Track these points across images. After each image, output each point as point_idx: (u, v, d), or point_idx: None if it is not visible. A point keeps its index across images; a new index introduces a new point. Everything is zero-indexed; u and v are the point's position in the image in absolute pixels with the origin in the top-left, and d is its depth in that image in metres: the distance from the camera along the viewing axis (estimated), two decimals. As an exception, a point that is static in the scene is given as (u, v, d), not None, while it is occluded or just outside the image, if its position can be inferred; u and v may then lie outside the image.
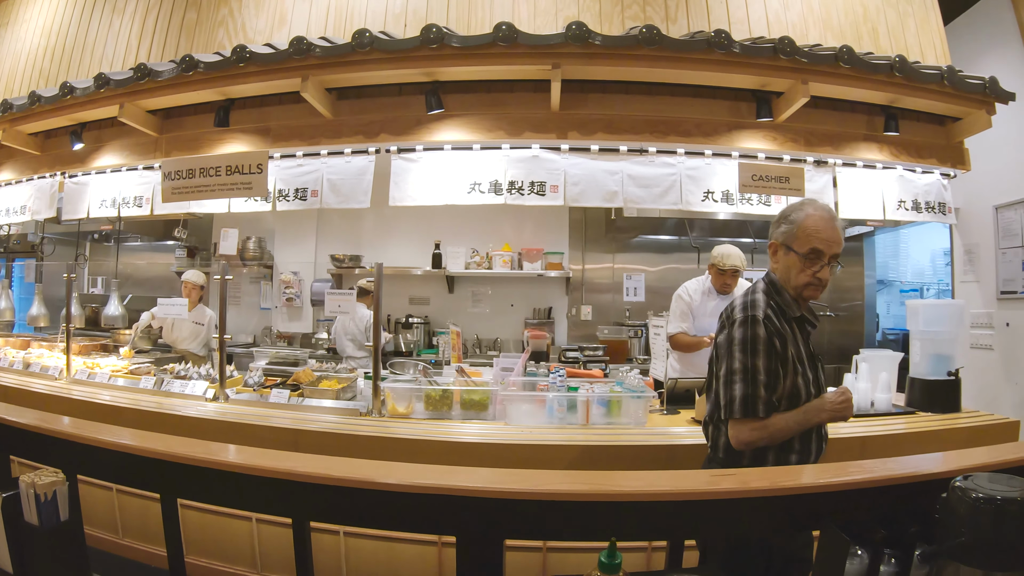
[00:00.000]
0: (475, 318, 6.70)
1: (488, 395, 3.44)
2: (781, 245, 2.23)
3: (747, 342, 2.09)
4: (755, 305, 2.15)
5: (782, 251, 2.23)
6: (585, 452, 2.91)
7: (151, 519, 3.41)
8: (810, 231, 2.15)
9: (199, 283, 5.70)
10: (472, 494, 1.66)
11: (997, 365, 5.32)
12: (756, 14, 4.55)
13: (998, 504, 1.26)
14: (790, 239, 2.20)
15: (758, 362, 2.07)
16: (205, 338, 5.67)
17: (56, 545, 1.93)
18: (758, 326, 2.10)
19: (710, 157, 4.31)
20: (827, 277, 2.18)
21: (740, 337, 2.10)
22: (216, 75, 4.17)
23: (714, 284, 4.21)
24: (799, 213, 2.20)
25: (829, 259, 2.14)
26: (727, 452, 2.17)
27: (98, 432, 2.12)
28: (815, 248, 2.14)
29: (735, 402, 2.08)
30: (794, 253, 2.18)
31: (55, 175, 5.29)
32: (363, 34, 3.80)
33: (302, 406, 3.54)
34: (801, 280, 2.16)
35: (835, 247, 2.16)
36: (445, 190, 4.20)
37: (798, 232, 2.17)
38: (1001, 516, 1.26)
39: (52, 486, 1.92)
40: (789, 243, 2.20)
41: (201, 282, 5.72)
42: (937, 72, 4.14)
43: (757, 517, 1.72)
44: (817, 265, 2.15)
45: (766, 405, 2.06)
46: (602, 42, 3.68)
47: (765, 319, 2.10)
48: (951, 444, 3.14)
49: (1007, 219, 5.24)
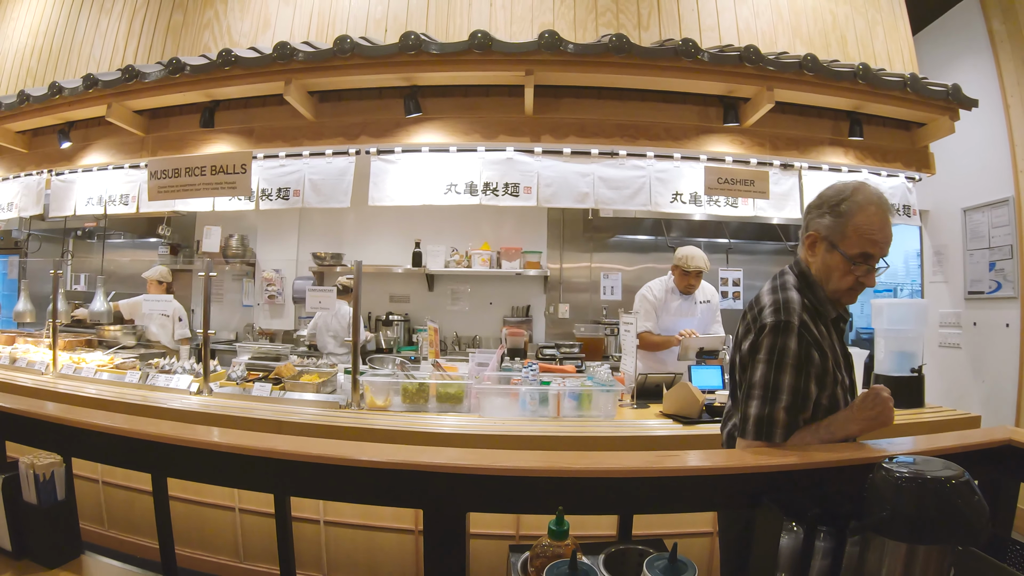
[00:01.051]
0: (454, 316, 6.81)
1: (463, 389, 3.56)
2: (823, 240, 1.87)
3: (774, 353, 1.78)
4: (788, 308, 1.80)
5: (823, 247, 1.87)
6: (556, 442, 3.00)
7: (136, 510, 3.53)
8: (863, 230, 1.79)
9: (156, 278, 5.92)
10: (438, 470, 1.78)
11: (965, 363, 5.47)
12: (727, 22, 4.69)
13: (919, 483, 1.37)
14: (836, 236, 1.83)
15: (783, 379, 1.77)
16: (171, 329, 5.83)
17: (53, 523, 2.06)
18: (790, 336, 1.77)
19: (679, 160, 4.44)
20: (873, 283, 1.85)
21: (768, 346, 1.79)
22: (202, 78, 4.26)
23: (678, 285, 4.36)
24: (851, 204, 1.81)
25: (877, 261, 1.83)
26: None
27: (92, 416, 2.21)
28: (866, 252, 1.81)
29: (748, 421, 1.83)
30: (839, 253, 1.83)
31: (42, 172, 5.36)
32: (344, 40, 3.91)
33: (284, 399, 3.65)
34: (844, 284, 1.85)
35: (887, 247, 1.83)
36: (423, 191, 4.31)
37: (848, 229, 1.81)
38: (921, 493, 1.37)
39: (50, 467, 2.06)
40: (835, 240, 1.83)
41: (159, 277, 5.94)
42: (900, 79, 4.28)
43: (696, 494, 1.86)
44: (863, 269, 1.82)
45: (784, 429, 1.78)
46: (574, 49, 3.80)
47: (801, 327, 1.77)
48: (913, 439, 3.27)
49: (975, 221, 5.39)
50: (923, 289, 6.14)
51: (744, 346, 1.90)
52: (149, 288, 5.83)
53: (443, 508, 1.83)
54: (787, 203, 4.53)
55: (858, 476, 1.59)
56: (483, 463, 1.80)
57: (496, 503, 1.94)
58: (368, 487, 1.88)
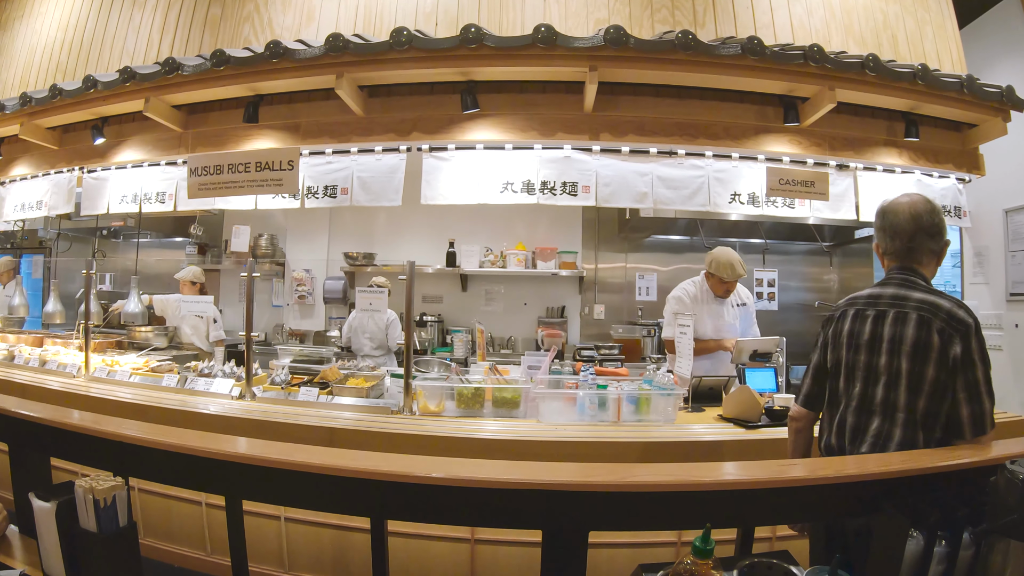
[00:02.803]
0: (488, 316, 6.72)
1: (520, 393, 3.46)
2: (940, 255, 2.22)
3: (986, 353, 1.95)
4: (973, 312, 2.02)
5: (936, 262, 2.20)
6: (622, 448, 2.93)
7: (175, 517, 3.42)
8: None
9: (189, 279, 5.80)
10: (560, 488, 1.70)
11: (1006, 365, 5.44)
12: (781, 20, 4.61)
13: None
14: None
15: (989, 373, 1.96)
16: (205, 331, 5.73)
17: (114, 552, 1.89)
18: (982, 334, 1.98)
19: (737, 160, 4.36)
20: None
21: (979, 347, 1.93)
22: (247, 70, 4.15)
23: (714, 290, 4.26)
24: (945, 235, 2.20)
25: None
26: None
27: (156, 434, 2.07)
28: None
29: (986, 416, 1.94)
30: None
31: (73, 170, 5.23)
32: (400, 32, 3.81)
33: (332, 404, 3.54)
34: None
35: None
36: (477, 189, 4.21)
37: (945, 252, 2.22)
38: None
39: (111, 491, 1.87)
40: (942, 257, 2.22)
41: (192, 278, 5.81)
42: (957, 80, 4.23)
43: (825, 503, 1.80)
44: None
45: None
46: (638, 46, 3.72)
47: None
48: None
49: (1017, 223, 5.36)
50: (963, 290, 6.10)
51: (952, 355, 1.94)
52: (182, 289, 5.71)
53: (564, 528, 1.74)
54: (843, 204, 4.46)
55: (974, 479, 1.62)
56: (610, 479, 1.72)
57: (621, 520, 1.86)
58: (484, 507, 1.80)
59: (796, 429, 2.40)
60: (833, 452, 2.17)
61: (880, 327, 2.07)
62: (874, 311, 2.11)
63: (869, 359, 2.08)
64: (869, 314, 2.12)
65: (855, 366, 2.12)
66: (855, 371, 2.12)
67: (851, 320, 2.16)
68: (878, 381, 2.05)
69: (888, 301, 2.09)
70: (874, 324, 2.09)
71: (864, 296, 2.18)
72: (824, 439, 2.24)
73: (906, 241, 2.13)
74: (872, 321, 2.10)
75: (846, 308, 2.21)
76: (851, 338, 2.14)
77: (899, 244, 2.15)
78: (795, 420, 2.40)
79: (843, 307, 2.23)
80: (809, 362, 2.34)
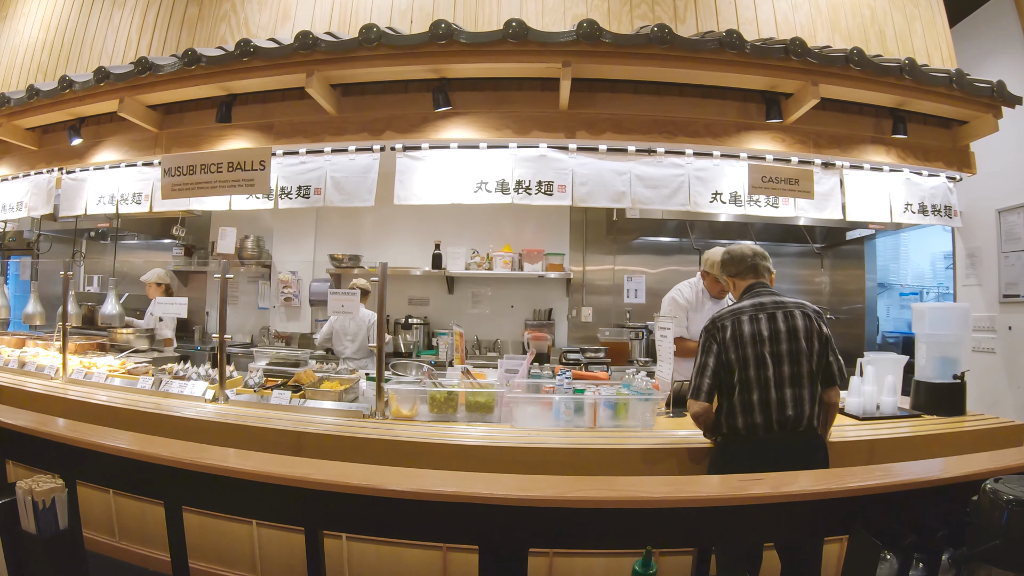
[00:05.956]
0: (475, 319, 6.65)
1: (494, 397, 3.39)
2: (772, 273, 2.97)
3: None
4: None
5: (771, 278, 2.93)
6: (594, 455, 2.85)
7: (149, 521, 3.36)
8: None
9: (154, 281, 6.00)
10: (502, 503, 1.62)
11: (1000, 369, 5.30)
12: (765, 15, 4.53)
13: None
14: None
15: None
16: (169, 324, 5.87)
17: (55, 554, 1.87)
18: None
19: (718, 158, 4.26)
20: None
21: (827, 325, 2.82)
22: (219, 69, 4.09)
23: (710, 290, 4.18)
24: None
25: None
26: None
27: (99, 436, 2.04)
28: None
29: (844, 369, 2.82)
30: None
31: (52, 171, 5.19)
32: (370, 29, 3.74)
33: (304, 408, 3.48)
34: None
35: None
36: (451, 189, 4.13)
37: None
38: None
39: (51, 493, 1.86)
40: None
41: (157, 280, 6.00)
42: (946, 75, 4.12)
43: (789, 522, 1.69)
44: None
45: None
46: (613, 40, 3.63)
47: None
48: (957, 447, 3.11)
49: (1010, 223, 5.23)
50: (955, 292, 5.96)
51: (825, 334, 2.74)
52: (148, 292, 5.74)
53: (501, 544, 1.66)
54: (829, 203, 4.35)
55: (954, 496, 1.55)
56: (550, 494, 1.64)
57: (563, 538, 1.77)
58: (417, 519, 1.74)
59: (704, 421, 2.77)
60: (758, 430, 2.61)
61: (775, 323, 2.67)
62: (765, 314, 2.69)
63: (773, 348, 2.65)
64: (762, 316, 2.69)
65: (762, 355, 2.64)
66: (764, 359, 2.64)
67: (748, 323, 2.68)
68: (783, 362, 2.64)
69: (772, 306, 2.72)
70: (769, 322, 2.67)
71: (748, 306, 2.73)
72: (743, 420, 2.65)
73: (749, 261, 2.88)
74: (767, 320, 2.68)
75: (735, 317, 2.71)
76: (753, 336, 2.66)
77: (745, 266, 2.88)
78: (702, 415, 2.75)
79: (729, 316, 2.72)
80: (701, 365, 2.74)
